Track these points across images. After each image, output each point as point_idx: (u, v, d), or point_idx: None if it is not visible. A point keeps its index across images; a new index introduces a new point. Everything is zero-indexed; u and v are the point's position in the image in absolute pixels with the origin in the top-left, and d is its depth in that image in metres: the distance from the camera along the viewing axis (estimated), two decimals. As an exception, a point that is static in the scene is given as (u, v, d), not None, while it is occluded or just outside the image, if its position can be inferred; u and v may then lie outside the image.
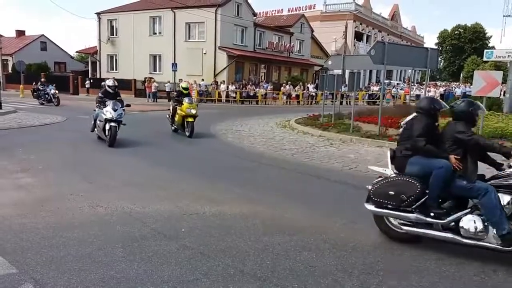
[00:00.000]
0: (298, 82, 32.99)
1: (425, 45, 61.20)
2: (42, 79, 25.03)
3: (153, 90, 28.61)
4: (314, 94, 31.74)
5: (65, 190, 6.17)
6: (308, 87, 32.40)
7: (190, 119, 11.80)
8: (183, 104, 11.95)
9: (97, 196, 5.89)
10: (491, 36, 69.06)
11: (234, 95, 29.02)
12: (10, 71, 40.80)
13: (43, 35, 47.93)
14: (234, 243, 4.34)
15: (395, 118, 13.16)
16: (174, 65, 29.48)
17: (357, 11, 50.88)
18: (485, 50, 24.34)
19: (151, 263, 3.82)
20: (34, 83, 26.27)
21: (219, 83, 29.74)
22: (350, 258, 4.04)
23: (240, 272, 3.70)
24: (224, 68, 31.73)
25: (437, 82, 48.55)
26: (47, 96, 22.95)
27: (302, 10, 48.36)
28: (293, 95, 31.02)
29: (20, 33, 48.90)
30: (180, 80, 29.87)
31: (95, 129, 10.77)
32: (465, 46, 66.29)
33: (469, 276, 3.77)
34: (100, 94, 10.66)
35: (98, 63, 38.52)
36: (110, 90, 10.69)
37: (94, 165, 8.17)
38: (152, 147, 10.79)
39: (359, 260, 4.01)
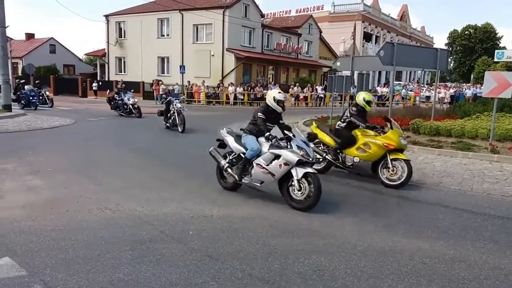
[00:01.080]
0: (306, 84, 32.91)
1: (434, 46, 60.91)
2: (119, 85, 20.63)
3: (160, 92, 28.72)
4: (322, 95, 31.65)
5: (74, 192, 6.21)
6: (316, 89, 32.30)
7: (401, 156, 7.10)
8: (381, 130, 7.36)
9: (105, 198, 5.92)
10: (502, 36, 68.42)
11: (242, 97, 29.03)
12: (20, 74, 41.23)
13: (52, 38, 48.39)
14: (242, 246, 4.32)
15: (404, 120, 13.06)
16: (182, 67, 29.60)
17: (365, 12, 50.69)
18: (496, 51, 24.11)
19: (159, 265, 3.82)
20: (108, 90, 22.56)
21: (225, 85, 29.76)
22: (359, 262, 4.00)
23: (248, 275, 3.68)
24: (232, 70, 31.78)
25: (447, 83, 48.12)
26: (125, 106, 18.64)
27: (310, 11, 48.33)
28: (301, 97, 30.96)
29: (30, 36, 49.41)
30: (188, 82, 30.00)
31: (243, 178, 6.12)
32: (475, 46, 65.71)
33: (480, 280, 3.71)
34: (260, 115, 5.95)
35: (106, 65, 38.81)
36: (278, 109, 6.15)
37: (103, 167, 8.21)
38: (157, 149, 10.85)
39: (368, 263, 3.97)
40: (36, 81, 26.28)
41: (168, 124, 14.23)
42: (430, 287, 3.55)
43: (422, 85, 37.73)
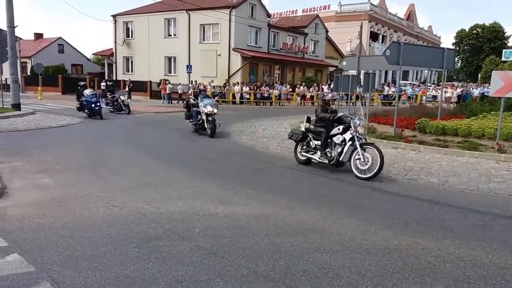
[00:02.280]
0: (312, 83, 32.87)
1: (442, 45, 60.56)
2: (202, 86, 14.68)
3: (167, 92, 28.86)
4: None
5: (82, 190, 6.27)
6: (322, 88, 32.24)
7: None
8: None
9: (112, 196, 5.97)
10: (510, 36, 67.76)
11: (248, 96, 29.07)
12: (28, 73, 41.63)
13: (60, 37, 48.77)
14: (247, 244, 4.35)
15: (411, 119, 13.02)
16: (189, 67, 29.69)
17: (372, 11, 50.48)
18: (504, 50, 23.91)
19: (165, 263, 3.86)
20: (192, 90, 18.50)
21: (231, 84, 29.82)
22: (364, 260, 4.01)
23: (253, 272, 3.70)
24: (238, 70, 31.82)
25: (454, 83, 47.80)
26: (198, 118, 13.29)
27: (317, 10, 48.24)
28: (308, 96, 30.92)
29: (38, 36, 49.84)
30: (196, 81, 30.07)
31: None
32: (483, 46, 65.16)
33: (485, 279, 3.70)
34: None
35: (114, 65, 39.02)
36: None
37: (110, 166, 8.28)
38: (165, 147, 10.90)
39: (373, 262, 3.98)
40: (110, 83, 22.68)
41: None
42: (435, 286, 3.55)
43: (428, 85, 37.51)
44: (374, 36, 53.19)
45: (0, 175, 6.95)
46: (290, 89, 31.32)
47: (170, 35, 34.90)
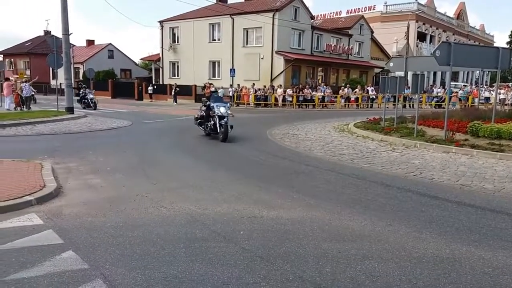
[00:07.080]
0: (357, 85, 32.29)
1: (495, 45, 57.63)
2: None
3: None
4: (374, 97, 30.89)
5: (131, 191, 6.48)
6: (367, 90, 31.60)
7: None
8: None
9: (160, 197, 6.12)
10: None
11: (290, 99, 28.96)
12: (81, 78, 43.73)
13: (110, 43, 50.97)
14: (292, 248, 4.31)
15: (462, 122, 12.47)
16: (232, 70, 30.06)
17: (419, 11, 48.96)
18: None
19: (211, 264, 3.89)
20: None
21: (275, 87, 29.84)
22: (415, 269, 3.85)
23: (299, 278, 3.66)
24: (281, 72, 31.81)
25: (510, 84, 45.29)
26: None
27: (362, 11, 47.48)
28: (352, 98, 30.39)
29: (90, 42, 52.38)
30: (238, 85, 30.37)
31: None
32: (541, 44, 61.42)
33: (550, 294, 3.46)
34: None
35: (161, 69, 40.20)
36: None
37: (158, 167, 8.50)
38: (209, 150, 11.05)
39: (424, 271, 3.81)
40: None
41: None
42: (492, 299, 3.37)
43: (481, 86, 35.78)
44: (421, 36, 51.57)
45: (56, 175, 7.32)
46: (331, 91, 30.94)
47: (214, 40, 35.50)
